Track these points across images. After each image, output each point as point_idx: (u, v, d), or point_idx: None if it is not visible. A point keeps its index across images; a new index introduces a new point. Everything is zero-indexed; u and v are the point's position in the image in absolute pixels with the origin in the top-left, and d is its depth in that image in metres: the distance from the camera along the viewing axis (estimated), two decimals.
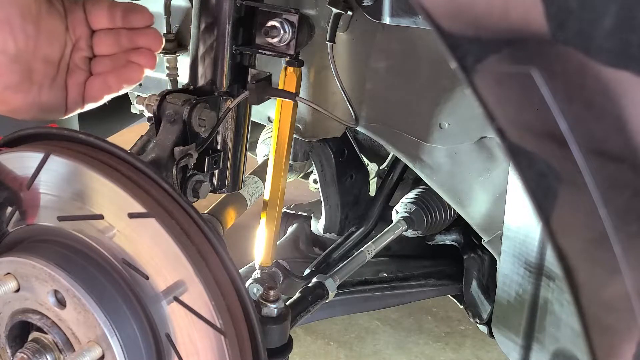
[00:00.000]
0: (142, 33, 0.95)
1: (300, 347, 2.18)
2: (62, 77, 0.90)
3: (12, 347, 0.85)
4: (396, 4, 1.01)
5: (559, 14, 0.47)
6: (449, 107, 1.22)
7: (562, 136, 0.49)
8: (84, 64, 0.93)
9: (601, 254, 0.52)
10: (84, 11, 0.91)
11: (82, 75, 0.92)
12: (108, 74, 0.94)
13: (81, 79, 0.92)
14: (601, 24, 0.46)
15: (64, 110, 0.91)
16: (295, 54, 1.03)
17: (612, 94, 0.48)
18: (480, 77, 0.51)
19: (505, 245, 1.27)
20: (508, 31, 0.50)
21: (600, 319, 0.55)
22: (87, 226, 0.78)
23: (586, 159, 0.49)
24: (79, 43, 0.91)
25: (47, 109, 0.88)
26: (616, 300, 0.53)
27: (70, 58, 0.91)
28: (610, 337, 0.56)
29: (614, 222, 0.50)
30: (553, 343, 1.23)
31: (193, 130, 0.96)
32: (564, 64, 0.48)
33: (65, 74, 0.91)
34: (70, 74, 0.91)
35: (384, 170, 1.59)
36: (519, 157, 0.52)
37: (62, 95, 0.90)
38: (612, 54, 0.47)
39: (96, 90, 0.93)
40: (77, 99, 0.92)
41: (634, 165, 0.49)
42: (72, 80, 0.91)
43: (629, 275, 0.51)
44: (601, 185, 0.49)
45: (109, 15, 0.92)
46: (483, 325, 1.50)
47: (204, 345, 0.76)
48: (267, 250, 1.21)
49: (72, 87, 0.91)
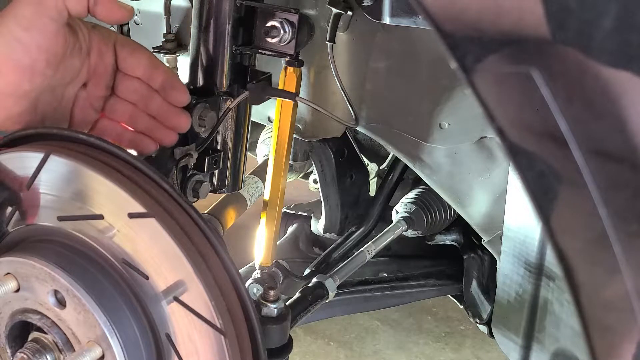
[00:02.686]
0: (175, 113, 0.90)
1: (300, 347, 2.18)
2: (67, 106, 0.86)
3: (12, 347, 0.85)
4: (396, 4, 1.01)
5: (559, 14, 0.47)
6: (449, 107, 1.22)
7: (562, 136, 0.49)
8: (97, 103, 0.89)
9: (601, 254, 0.52)
10: (115, 51, 0.87)
11: (93, 114, 0.89)
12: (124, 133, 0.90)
13: (90, 118, 0.89)
14: (601, 24, 0.46)
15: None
16: (295, 54, 1.03)
17: (612, 94, 0.48)
18: (480, 77, 0.51)
19: (505, 245, 1.27)
20: (508, 31, 0.50)
21: (600, 319, 0.55)
22: (87, 226, 0.78)
23: (586, 159, 0.49)
24: (97, 80, 0.87)
25: None
26: (616, 300, 0.53)
27: (81, 89, 0.87)
28: (610, 337, 0.56)
29: (614, 222, 0.50)
30: (553, 343, 1.23)
31: (193, 130, 0.96)
32: (564, 64, 0.48)
33: (72, 105, 0.87)
34: (79, 106, 0.88)
35: (384, 170, 1.59)
36: (519, 157, 0.52)
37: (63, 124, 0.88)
38: (612, 54, 0.47)
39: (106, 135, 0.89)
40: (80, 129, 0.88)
41: (634, 165, 0.49)
42: (80, 113, 0.88)
43: (629, 275, 0.51)
44: (601, 185, 0.49)
45: (146, 74, 0.88)
46: (483, 325, 1.50)
47: (204, 345, 0.76)
48: (267, 250, 1.21)
49: (78, 119, 0.88)
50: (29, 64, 0.78)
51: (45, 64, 0.79)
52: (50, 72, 0.80)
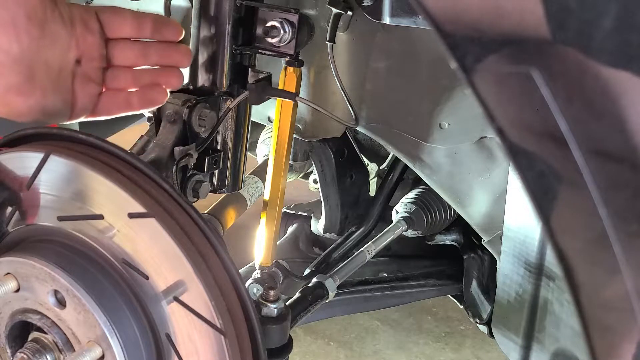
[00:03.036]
0: (175, 48, 0.92)
1: (300, 347, 2.18)
2: (66, 82, 0.87)
3: (12, 347, 0.85)
4: (396, 4, 1.01)
5: (559, 14, 0.47)
6: (449, 107, 1.22)
7: (562, 136, 0.49)
8: (96, 75, 0.89)
9: (601, 254, 0.52)
10: (98, 20, 0.88)
11: (95, 87, 0.89)
12: (132, 94, 0.91)
13: (94, 91, 0.89)
14: (601, 24, 0.46)
15: (68, 115, 0.89)
16: (295, 54, 1.03)
17: (612, 94, 0.48)
18: (480, 77, 0.51)
19: (505, 245, 1.27)
20: (508, 31, 0.50)
21: (600, 319, 0.55)
22: (87, 226, 0.78)
23: (586, 159, 0.49)
24: (90, 52, 0.88)
25: (50, 113, 0.87)
26: (616, 300, 0.53)
27: (76, 65, 0.88)
28: (610, 337, 0.56)
29: (614, 222, 0.50)
30: (553, 343, 1.23)
31: (193, 130, 0.96)
32: (564, 64, 0.48)
33: (71, 80, 0.88)
34: (78, 82, 0.88)
35: (384, 170, 1.59)
36: (519, 157, 0.52)
37: (67, 101, 0.89)
38: (612, 54, 0.47)
39: (114, 105, 0.91)
40: (87, 107, 0.89)
41: (634, 165, 0.49)
42: (81, 89, 0.88)
43: (629, 275, 0.51)
44: (601, 185, 0.49)
45: (134, 26, 0.90)
46: (483, 325, 1.50)
47: (204, 345, 0.76)
48: (267, 250, 1.21)
49: (81, 96, 0.88)
50: (10, 19, 0.79)
51: (26, 19, 0.80)
52: (36, 32, 0.81)
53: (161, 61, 0.92)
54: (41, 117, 0.86)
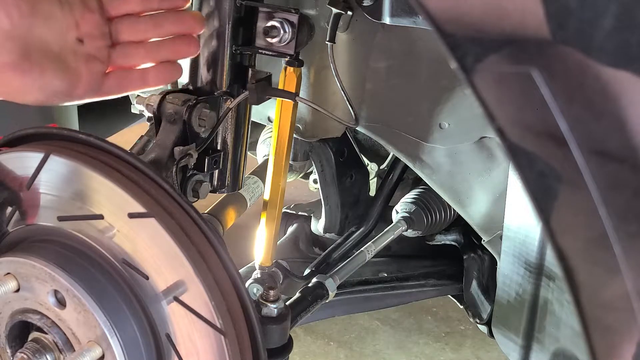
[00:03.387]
0: (187, 14, 0.91)
1: (300, 347, 2.18)
2: (69, 62, 0.85)
3: (12, 347, 0.85)
4: (396, 4, 1.01)
5: (559, 14, 0.47)
6: (449, 107, 1.22)
7: (562, 136, 0.49)
8: (101, 54, 0.88)
9: (601, 254, 0.52)
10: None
11: (100, 65, 0.88)
12: (147, 70, 0.90)
13: (99, 69, 0.88)
14: (601, 24, 0.46)
15: (72, 95, 0.89)
16: (295, 54, 1.03)
17: (612, 94, 0.48)
18: (480, 77, 0.51)
19: (505, 245, 1.27)
20: (508, 31, 0.50)
21: (600, 319, 0.55)
22: (87, 226, 0.78)
23: (586, 159, 0.49)
24: (91, 31, 0.87)
25: (51, 92, 0.85)
26: (616, 300, 0.53)
27: (79, 45, 0.86)
28: (610, 337, 0.56)
29: (614, 222, 0.50)
30: (553, 343, 1.23)
31: (193, 130, 0.96)
32: (564, 64, 0.48)
33: (75, 60, 0.86)
34: (82, 61, 0.87)
35: (384, 170, 1.59)
36: (519, 157, 0.52)
37: (70, 80, 0.88)
38: (612, 54, 0.47)
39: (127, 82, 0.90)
40: (93, 86, 0.88)
41: (634, 165, 0.49)
42: (86, 69, 0.87)
43: (629, 275, 0.51)
44: (601, 185, 0.49)
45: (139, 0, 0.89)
46: (483, 325, 1.50)
47: (204, 345, 0.76)
48: (267, 250, 1.21)
49: (86, 75, 0.87)
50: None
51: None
52: (25, 8, 0.80)
53: (175, 29, 0.91)
54: (42, 97, 0.84)
